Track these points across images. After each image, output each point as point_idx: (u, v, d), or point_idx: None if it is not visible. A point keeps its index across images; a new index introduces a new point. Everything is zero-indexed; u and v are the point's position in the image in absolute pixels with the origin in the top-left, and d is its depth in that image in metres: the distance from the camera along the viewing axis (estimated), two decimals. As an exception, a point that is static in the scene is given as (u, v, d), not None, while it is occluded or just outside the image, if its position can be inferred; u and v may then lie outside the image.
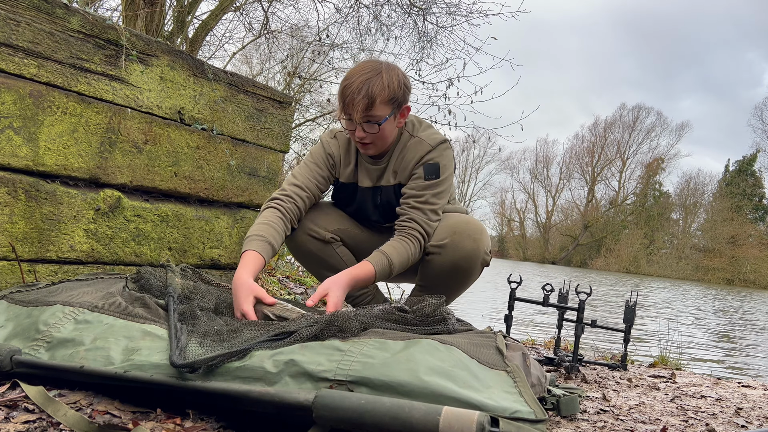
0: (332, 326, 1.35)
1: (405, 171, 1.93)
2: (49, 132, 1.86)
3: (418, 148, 1.92)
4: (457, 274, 1.94)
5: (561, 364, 2.20)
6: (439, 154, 1.91)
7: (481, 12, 6.33)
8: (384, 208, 2.02)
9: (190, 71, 2.31)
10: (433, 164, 1.90)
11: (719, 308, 12.67)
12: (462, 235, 1.89)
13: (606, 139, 52.14)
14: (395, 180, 1.97)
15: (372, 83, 1.76)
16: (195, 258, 2.41)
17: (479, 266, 1.95)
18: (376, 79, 1.77)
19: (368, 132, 1.82)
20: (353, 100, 1.76)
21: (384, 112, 1.80)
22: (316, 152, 2.05)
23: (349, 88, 1.77)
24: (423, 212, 1.89)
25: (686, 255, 45.89)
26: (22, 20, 1.77)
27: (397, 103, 1.83)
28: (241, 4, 7.12)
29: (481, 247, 1.91)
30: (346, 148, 2.03)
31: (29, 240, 1.84)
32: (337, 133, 2.06)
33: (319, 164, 2.01)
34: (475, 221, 1.96)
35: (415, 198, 1.90)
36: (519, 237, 56.22)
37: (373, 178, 2.00)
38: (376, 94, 1.75)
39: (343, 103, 1.80)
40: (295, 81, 7.78)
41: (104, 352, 1.25)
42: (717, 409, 1.87)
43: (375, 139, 1.85)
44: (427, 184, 1.89)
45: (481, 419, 0.96)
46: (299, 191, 1.96)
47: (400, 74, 1.85)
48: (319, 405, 1.03)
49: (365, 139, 1.84)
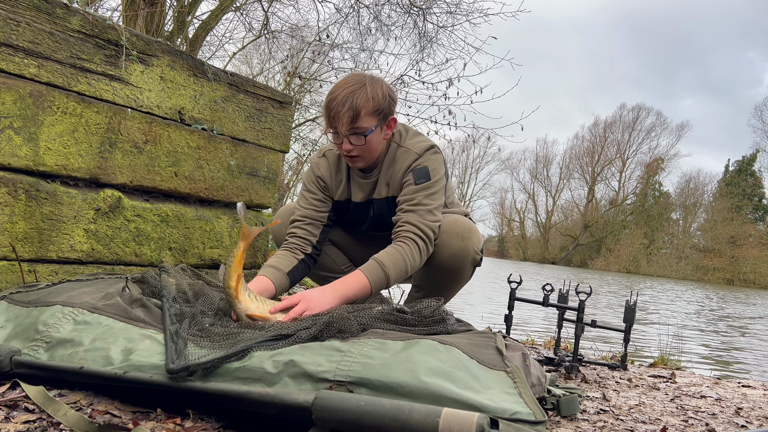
0: (332, 327, 1.35)
1: (395, 182, 1.93)
2: (49, 132, 1.86)
3: (405, 158, 1.91)
4: (447, 273, 1.93)
5: (561, 364, 2.20)
6: (425, 159, 1.90)
7: (482, 12, 6.33)
8: (377, 221, 2.03)
9: (190, 71, 2.31)
10: (422, 169, 1.89)
11: (719, 308, 12.67)
12: (450, 234, 1.89)
13: (606, 139, 52.16)
14: (388, 192, 1.96)
15: (356, 95, 1.77)
16: (195, 258, 2.41)
17: (469, 265, 1.94)
18: (360, 91, 1.78)
19: (355, 144, 1.82)
20: (338, 113, 1.76)
21: (369, 123, 1.80)
22: (306, 178, 2.07)
23: (334, 101, 1.78)
24: (417, 213, 1.86)
25: (686, 255, 45.88)
26: (23, 20, 1.77)
27: (382, 114, 1.83)
28: (241, 4, 7.12)
29: (470, 246, 1.90)
30: (336, 166, 2.02)
31: (29, 240, 1.84)
32: (326, 151, 2.06)
33: (312, 190, 2.02)
34: (465, 220, 1.95)
35: (408, 202, 1.88)
36: (519, 237, 56.20)
37: (365, 192, 2.00)
38: (360, 106, 1.76)
39: (329, 117, 1.80)
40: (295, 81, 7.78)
41: (103, 352, 1.25)
42: (717, 409, 1.87)
43: (362, 151, 1.84)
44: (417, 187, 1.88)
45: (481, 421, 0.96)
46: (300, 224, 1.98)
47: (385, 86, 1.85)
48: (318, 406, 1.03)
49: (352, 152, 1.84)
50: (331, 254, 2.13)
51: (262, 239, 2.74)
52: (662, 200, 49.87)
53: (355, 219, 2.07)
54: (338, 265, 2.15)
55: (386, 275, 1.74)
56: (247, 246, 1.51)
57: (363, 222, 2.06)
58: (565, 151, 59.01)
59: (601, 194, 52.19)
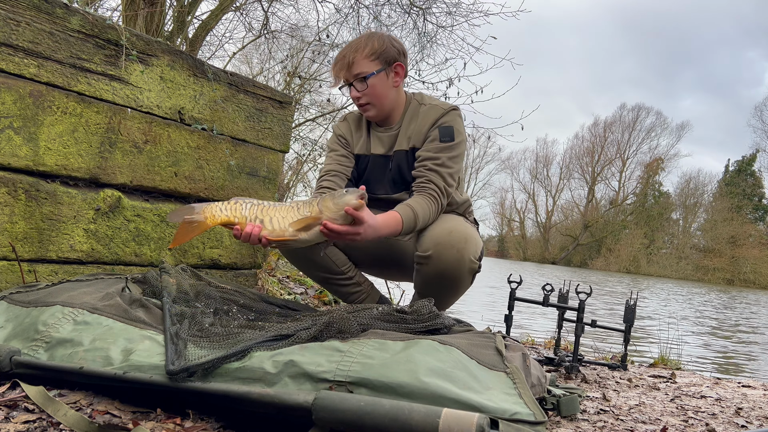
0: (332, 327, 1.35)
1: (419, 135, 1.99)
2: (49, 132, 1.86)
3: (431, 113, 1.98)
4: (445, 283, 1.92)
5: (561, 364, 2.20)
6: (452, 118, 1.98)
7: (482, 12, 6.31)
8: (394, 175, 2.04)
9: (190, 71, 2.31)
10: (448, 127, 1.96)
11: (719, 308, 12.67)
12: (444, 246, 1.85)
13: (606, 139, 52.18)
14: (409, 145, 2.01)
15: (354, 44, 1.96)
16: (195, 258, 2.41)
17: (466, 275, 1.91)
18: (357, 41, 1.97)
19: (360, 91, 1.93)
20: (338, 61, 1.94)
21: (369, 67, 1.91)
22: (329, 142, 2.19)
23: (337, 55, 1.97)
24: (440, 174, 1.92)
25: (686, 255, 45.87)
26: (22, 20, 1.77)
27: (384, 59, 1.94)
28: (241, 4, 7.11)
29: (466, 256, 1.86)
30: (356, 124, 2.13)
31: (29, 240, 1.84)
32: (346, 115, 2.18)
33: (335, 148, 2.12)
34: (460, 229, 1.90)
35: (432, 160, 1.93)
36: (519, 237, 56.21)
37: (385, 146, 2.06)
38: (357, 50, 1.92)
39: (334, 68, 1.96)
40: (295, 81, 7.78)
41: (103, 352, 1.25)
42: (717, 409, 1.87)
43: (370, 98, 1.95)
44: (442, 146, 1.94)
45: (481, 421, 0.96)
46: (327, 176, 2.06)
47: (389, 36, 1.99)
48: (318, 406, 1.03)
49: (360, 99, 1.95)
50: (331, 255, 2.12)
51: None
52: (662, 200, 49.87)
53: (373, 177, 2.09)
54: (338, 266, 2.14)
55: (416, 223, 1.83)
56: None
57: (381, 180, 2.08)
58: (565, 150, 59.04)
59: (601, 194, 52.26)
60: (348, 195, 1.56)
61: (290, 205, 1.61)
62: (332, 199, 1.57)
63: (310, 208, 1.58)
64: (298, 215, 1.58)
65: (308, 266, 2.15)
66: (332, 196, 1.57)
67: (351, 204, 1.55)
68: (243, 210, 1.60)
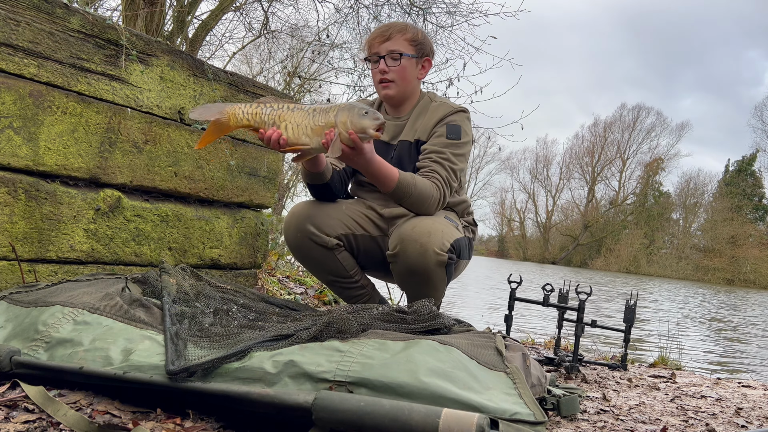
0: (332, 327, 1.35)
1: (426, 129, 2.02)
2: (49, 132, 1.86)
3: (440, 110, 2.03)
4: (417, 279, 1.89)
5: (561, 364, 2.20)
6: (461, 118, 2.02)
7: (481, 12, 6.31)
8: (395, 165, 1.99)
9: (190, 71, 2.31)
10: (456, 125, 1.99)
11: (719, 308, 12.67)
12: (408, 241, 1.84)
13: (606, 139, 52.15)
14: (414, 137, 2.04)
15: (396, 25, 2.07)
16: (195, 258, 2.41)
17: (434, 267, 1.85)
18: (399, 23, 2.09)
19: (391, 67, 1.99)
20: (375, 35, 2.02)
21: (405, 48, 1.99)
22: None
23: (377, 28, 2.05)
24: (444, 167, 1.93)
25: (686, 255, 45.86)
26: (22, 20, 1.77)
27: (418, 47, 2.02)
28: (241, 4, 7.12)
29: (430, 249, 1.82)
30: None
31: (29, 240, 1.84)
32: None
33: None
34: (426, 223, 1.86)
35: (437, 153, 1.95)
36: (519, 237, 56.17)
37: (390, 134, 2.08)
38: (396, 29, 2.01)
39: (369, 42, 2.03)
40: (295, 81, 7.78)
41: (103, 352, 1.25)
42: (717, 409, 1.87)
43: (397, 75, 1.99)
44: (449, 142, 1.96)
45: (481, 422, 0.96)
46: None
47: (423, 32, 2.07)
48: (318, 407, 1.03)
49: (387, 74, 1.99)
50: (341, 260, 2.12)
51: (262, 239, 2.74)
52: (662, 200, 49.86)
53: None
54: (347, 270, 2.14)
55: (411, 191, 1.86)
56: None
57: None
58: (565, 150, 59.02)
59: (601, 194, 52.24)
60: (367, 119, 1.56)
61: (306, 110, 1.63)
62: (350, 116, 1.56)
63: (326, 119, 1.58)
64: (312, 124, 1.60)
65: (318, 269, 2.16)
66: (350, 112, 1.57)
67: (368, 133, 1.59)
68: (263, 115, 1.64)
